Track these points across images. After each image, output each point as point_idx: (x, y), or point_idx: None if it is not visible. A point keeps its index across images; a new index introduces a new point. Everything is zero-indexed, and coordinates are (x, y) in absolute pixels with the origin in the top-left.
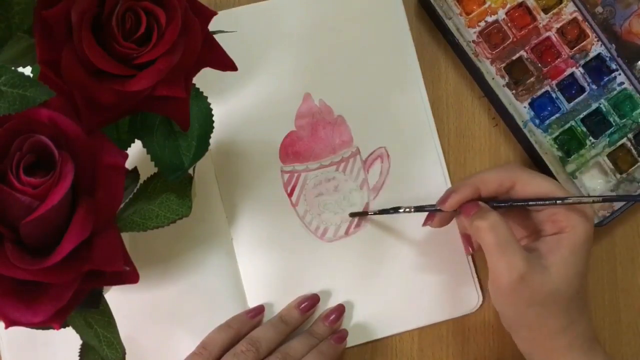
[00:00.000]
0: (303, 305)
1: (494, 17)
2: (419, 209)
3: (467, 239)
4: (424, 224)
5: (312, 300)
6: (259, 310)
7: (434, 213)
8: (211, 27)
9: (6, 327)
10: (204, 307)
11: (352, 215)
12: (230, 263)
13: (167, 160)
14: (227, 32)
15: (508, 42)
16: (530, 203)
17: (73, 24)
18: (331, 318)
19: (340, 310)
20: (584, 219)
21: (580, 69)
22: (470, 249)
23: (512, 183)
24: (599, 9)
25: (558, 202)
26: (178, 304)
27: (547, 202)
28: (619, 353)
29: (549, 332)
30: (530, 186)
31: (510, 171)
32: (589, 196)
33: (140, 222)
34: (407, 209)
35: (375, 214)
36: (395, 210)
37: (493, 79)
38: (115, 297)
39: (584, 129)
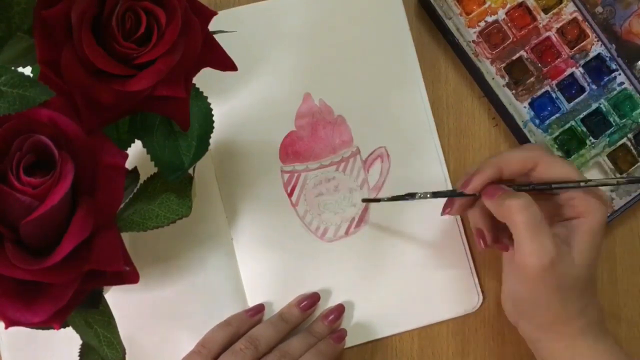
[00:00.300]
0: (303, 304)
1: (494, 17)
2: (436, 194)
3: (480, 233)
4: (443, 212)
5: (313, 299)
6: (259, 309)
7: (453, 200)
8: (211, 27)
9: (6, 327)
10: (204, 307)
11: (365, 200)
12: (230, 263)
13: (167, 160)
14: (227, 32)
15: (508, 42)
16: (554, 186)
17: (73, 24)
18: (330, 318)
19: (339, 310)
20: (601, 203)
21: (580, 69)
22: (483, 244)
23: (534, 164)
24: (599, 9)
25: (582, 184)
26: (178, 304)
27: (571, 185)
28: None
29: (566, 317)
30: (552, 169)
31: (533, 152)
32: (614, 177)
33: (140, 222)
34: (423, 195)
35: (389, 200)
36: (412, 196)
37: (493, 79)
38: (115, 297)
39: (584, 129)
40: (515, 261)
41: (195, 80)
